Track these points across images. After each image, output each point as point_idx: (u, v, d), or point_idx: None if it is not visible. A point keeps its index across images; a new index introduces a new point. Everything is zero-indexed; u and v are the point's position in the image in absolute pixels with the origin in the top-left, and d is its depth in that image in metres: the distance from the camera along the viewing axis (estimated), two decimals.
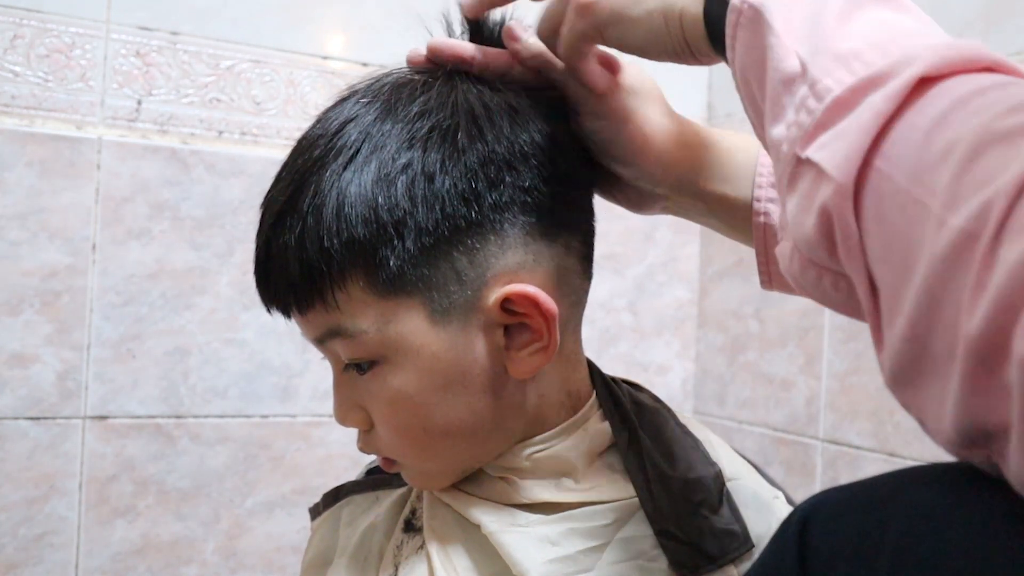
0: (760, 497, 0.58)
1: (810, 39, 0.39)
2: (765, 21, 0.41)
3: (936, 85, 0.34)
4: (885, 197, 0.34)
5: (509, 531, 0.55)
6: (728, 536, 0.54)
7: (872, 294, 0.35)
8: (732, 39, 0.43)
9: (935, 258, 0.31)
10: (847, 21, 0.39)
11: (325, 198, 0.52)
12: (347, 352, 0.54)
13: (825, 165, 0.36)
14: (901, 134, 0.34)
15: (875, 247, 0.34)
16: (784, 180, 0.39)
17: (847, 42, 0.38)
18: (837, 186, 0.35)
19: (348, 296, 0.53)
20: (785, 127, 0.39)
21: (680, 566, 0.54)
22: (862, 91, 0.36)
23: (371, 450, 0.59)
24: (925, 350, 0.32)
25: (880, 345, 0.35)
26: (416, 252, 0.52)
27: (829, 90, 0.37)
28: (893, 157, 0.34)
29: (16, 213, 1.12)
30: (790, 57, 0.39)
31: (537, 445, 0.57)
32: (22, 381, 1.13)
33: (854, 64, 0.37)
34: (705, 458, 0.58)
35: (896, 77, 0.35)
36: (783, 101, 0.39)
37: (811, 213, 0.37)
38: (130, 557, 1.19)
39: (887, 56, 0.36)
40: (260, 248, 0.56)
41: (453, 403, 0.54)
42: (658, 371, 1.54)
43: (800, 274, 0.40)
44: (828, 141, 0.36)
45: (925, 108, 0.34)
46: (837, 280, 0.38)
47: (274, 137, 1.26)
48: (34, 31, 1.13)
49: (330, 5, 1.29)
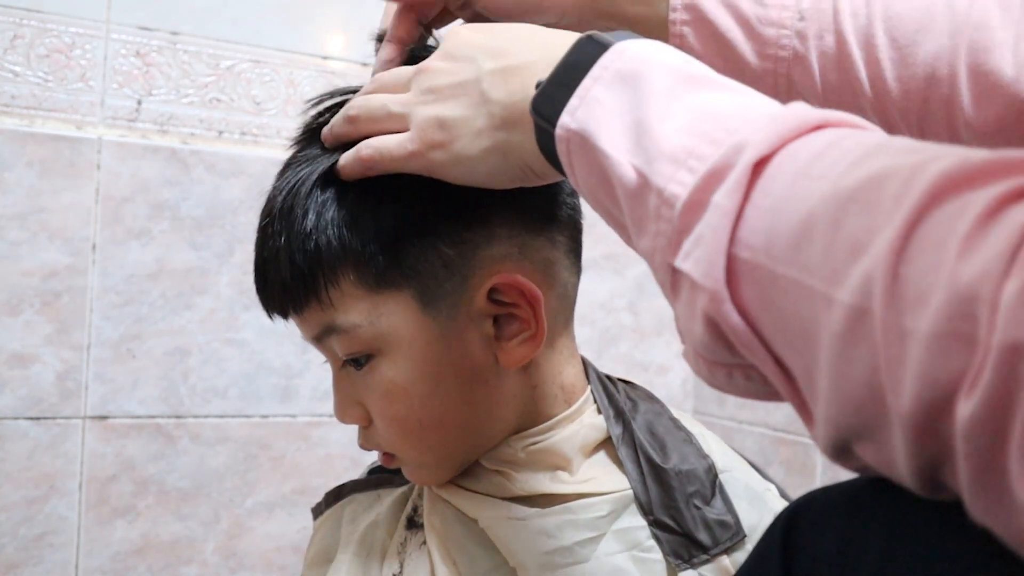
0: (752, 489, 0.59)
1: (641, 147, 0.39)
2: (591, 143, 0.41)
3: (772, 162, 0.34)
4: (764, 285, 0.34)
5: (506, 524, 0.56)
6: (721, 527, 0.56)
7: (786, 377, 0.35)
8: (570, 167, 0.43)
9: (834, 337, 0.30)
10: (670, 117, 0.39)
11: (311, 198, 0.54)
12: (343, 348, 0.56)
13: (694, 275, 0.36)
14: (755, 222, 0.34)
15: (774, 335, 0.34)
16: (667, 289, 0.39)
17: (676, 139, 0.38)
18: (711, 294, 0.35)
19: (341, 292, 0.54)
20: (650, 239, 0.39)
21: (674, 556, 0.55)
22: (707, 189, 0.36)
23: (371, 446, 0.61)
24: (854, 425, 0.31)
25: (811, 424, 0.34)
26: (402, 246, 0.53)
27: (676, 196, 0.37)
28: (755, 246, 0.34)
29: (16, 213, 1.12)
30: (628, 172, 0.39)
31: (532, 438, 0.58)
32: (22, 381, 1.13)
33: (690, 162, 0.37)
34: (698, 451, 0.59)
35: (733, 167, 0.35)
36: (639, 214, 0.39)
37: (697, 320, 0.37)
38: (130, 557, 1.19)
39: (718, 145, 0.36)
40: (257, 254, 0.58)
41: (446, 393, 0.56)
42: (658, 371, 1.54)
43: (710, 375, 0.39)
44: (690, 249, 0.36)
45: (769, 188, 0.34)
46: (748, 372, 0.37)
47: (274, 137, 1.26)
48: (34, 31, 1.14)
49: (330, 5, 1.29)
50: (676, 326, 0.40)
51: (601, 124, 0.41)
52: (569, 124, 0.42)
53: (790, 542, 0.37)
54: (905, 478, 0.30)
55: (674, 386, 1.55)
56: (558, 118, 0.42)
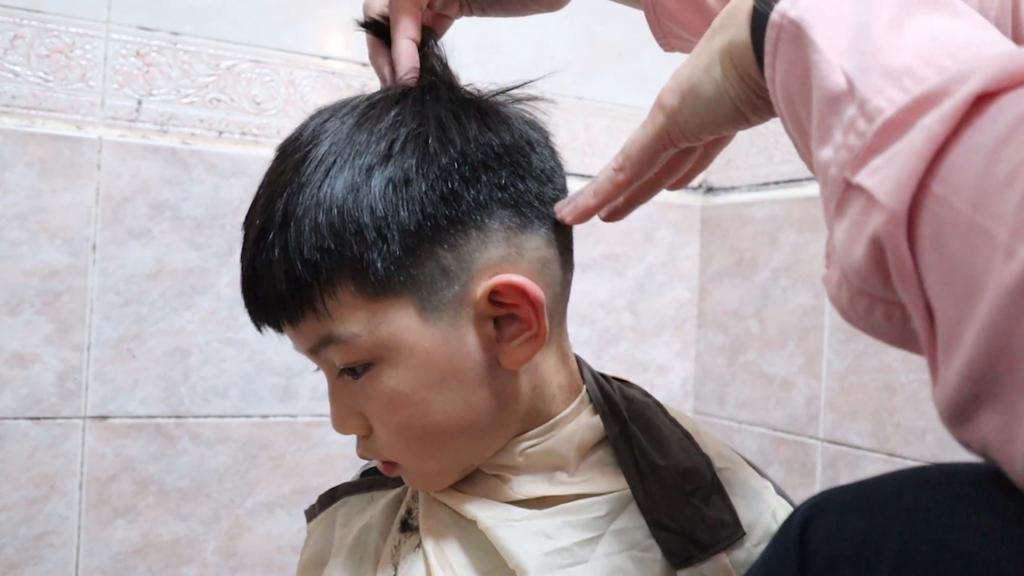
0: (749, 486, 0.59)
1: (857, 54, 0.36)
2: (807, 36, 0.38)
3: (996, 101, 0.32)
4: (944, 225, 0.32)
5: (504, 526, 0.56)
6: (719, 525, 0.55)
7: (930, 324, 0.33)
8: (772, 56, 0.41)
9: (1003, 290, 0.29)
10: (897, 32, 0.36)
11: (305, 209, 0.53)
12: (341, 358, 0.55)
13: (876, 192, 0.34)
14: (960, 157, 0.32)
15: (934, 277, 0.32)
16: (832, 205, 0.37)
17: (898, 56, 0.35)
18: (890, 214, 0.33)
19: (338, 303, 0.53)
20: (833, 149, 0.37)
21: (673, 555, 0.55)
22: (915, 111, 0.33)
23: (371, 455, 0.60)
24: (990, 386, 0.30)
25: (936, 379, 0.33)
26: (401, 253, 0.53)
27: (880, 111, 0.34)
28: (952, 182, 0.32)
29: (16, 213, 1.12)
30: (835, 74, 0.37)
31: (530, 440, 0.58)
32: (22, 381, 1.13)
33: (906, 81, 0.34)
34: (695, 449, 0.59)
35: (952, 95, 0.32)
36: (830, 121, 0.37)
37: (861, 242, 0.35)
38: (130, 557, 1.19)
39: (942, 71, 0.34)
40: (246, 267, 0.56)
41: (449, 398, 0.55)
42: (658, 371, 1.54)
43: (849, 305, 0.37)
44: (880, 166, 0.34)
45: (985, 127, 0.31)
46: (890, 310, 0.35)
47: (274, 137, 1.26)
48: (34, 31, 1.14)
49: (330, 5, 1.29)
50: (827, 247, 0.38)
51: (823, 18, 0.38)
52: (788, 10, 0.39)
53: (806, 540, 0.36)
54: (1019, 456, 0.29)
55: (674, 386, 1.55)
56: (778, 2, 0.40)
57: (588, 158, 1.46)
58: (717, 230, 1.54)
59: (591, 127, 1.48)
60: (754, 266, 1.46)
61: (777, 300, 1.41)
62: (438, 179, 0.53)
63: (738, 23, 0.44)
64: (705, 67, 0.47)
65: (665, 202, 1.54)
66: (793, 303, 1.38)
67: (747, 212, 1.48)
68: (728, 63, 0.45)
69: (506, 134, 0.57)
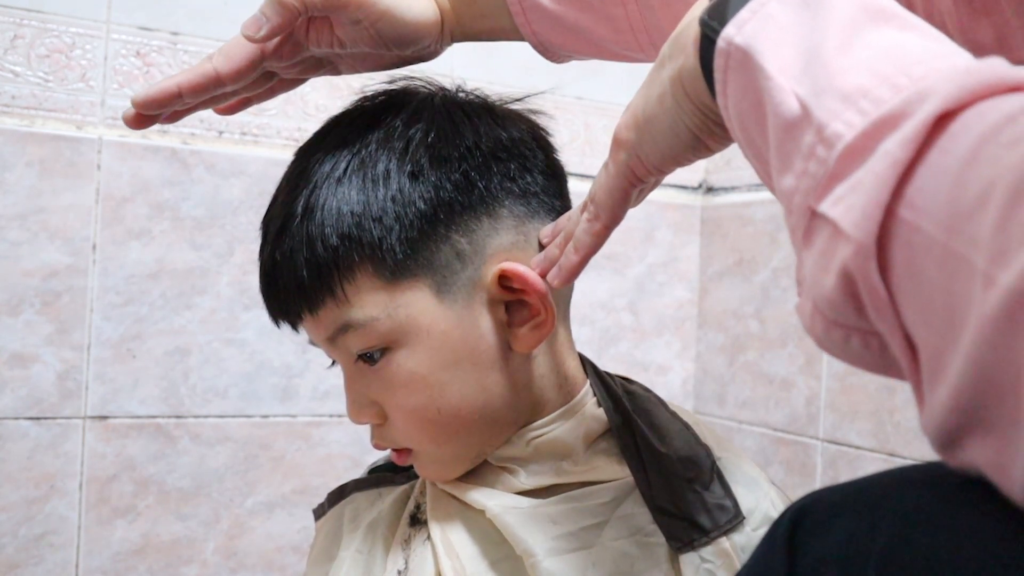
0: (748, 474, 0.61)
1: (810, 77, 0.35)
2: (755, 63, 0.37)
3: (958, 119, 0.31)
4: (917, 251, 0.30)
5: (512, 513, 0.57)
6: (720, 510, 0.58)
7: (911, 353, 0.32)
8: (723, 84, 0.40)
9: (986, 321, 0.27)
10: (848, 50, 0.35)
11: (325, 201, 0.56)
12: (359, 343, 0.57)
13: (841, 223, 0.32)
14: (927, 180, 0.31)
15: (911, 306, 0.31)
16: (799, 234, 0.36)
17: (851, 77, 0.34)
18: (857, 245, 0.32)
19: (357, 288, 0.56)
20: (795, 177, 0.35)
21: (676, 540, 0.57)
22: (875, 135, 0.32)
23: (386, 443, 0.62)
24: (980, 416, 0.29)
25: (922, 408, 0.32)
26: (417, 237, 0.55)
27: (839, 136, 0.33)
28: (920, 206, 0.30)
29: (16, 213, 1.12)
30: (789, 100, 0.36)
31: (538, 430, 0.60)
32: (22, 381, 1.13)
33: (862, 103, 0.33)
34: (695, 439, 0.61)
35: (911, 116, 0.31)
36: (788, 148, 0.36)
37: (831, 273, 0.33)
38: (130, 557, 1.19)
39: (898, 90, 0.33)
40: (266, 260, 0.59)
41: (465, 380, 0.57)
42: (658, 371, 1.54)
43: (824, 335, 0.36)
44: (843, 194, 0.33)
45: (950, 148, 0.30)
46: (867, 339, 0.34)
47: (274, 137, 1.26)
48: (34, 31, 1.14)
49: None
50: (797, 276, 0.38)
51: (770, 43, 0.37)
52: (733, 38, 0.38)
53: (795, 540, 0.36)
54: (1017, 483, 0.28)
55: (674, 386, 1.55)
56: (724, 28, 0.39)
57: (588, 158, 1.46)
58: (717, 230, 1.54)
59: (591, 127, 1.48)
60: (754, 266, 1.46)
61: (777, 300, 1.41)
62: (452, 169, 0.56)
63: (686, 51, 0.43)
64: (658, 97, 0.46)
65: (665, 202, 1.54)
66: (793, 303, 1.37)
67: (747, 212, 1.48)
68: (680, 92, 0.44)
69: (514, 129, 0.60)
